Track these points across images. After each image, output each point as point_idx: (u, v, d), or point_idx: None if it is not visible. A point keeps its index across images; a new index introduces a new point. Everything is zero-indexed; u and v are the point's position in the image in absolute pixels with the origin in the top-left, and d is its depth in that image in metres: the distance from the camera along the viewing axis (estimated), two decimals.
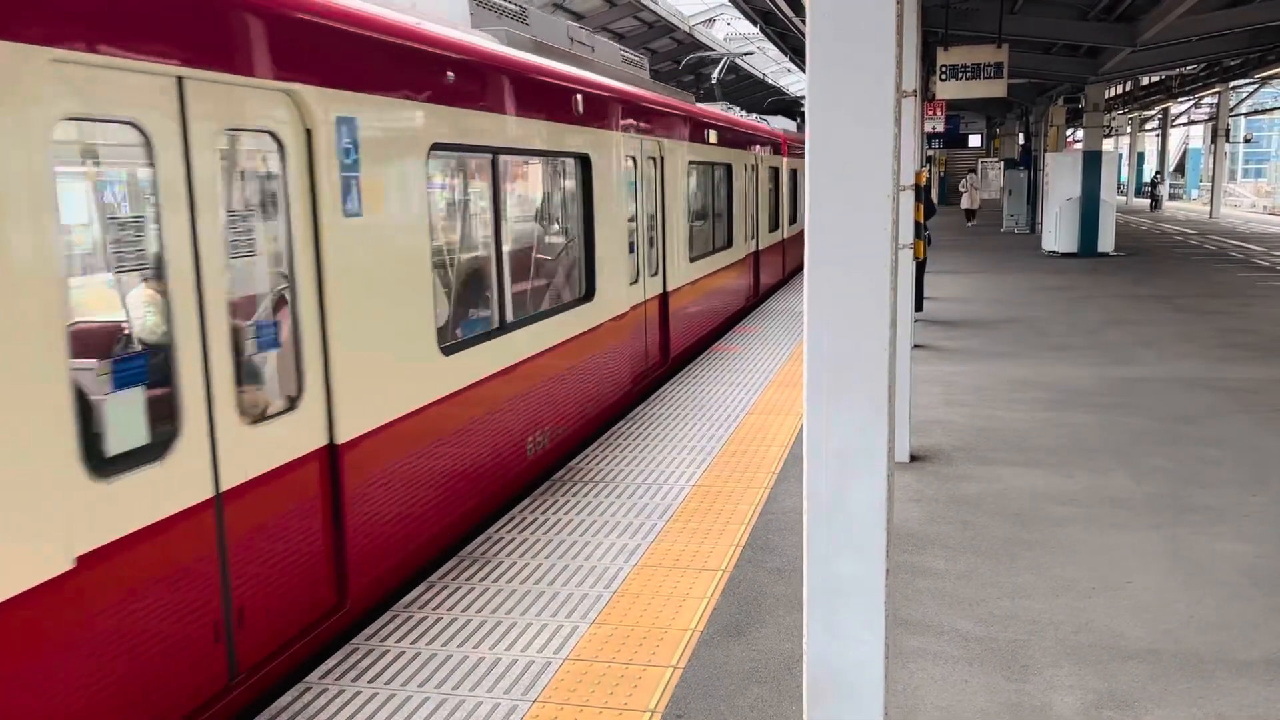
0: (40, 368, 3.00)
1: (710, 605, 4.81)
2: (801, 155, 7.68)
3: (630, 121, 8.79)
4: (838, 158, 2.25)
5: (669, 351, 10.15)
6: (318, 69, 4.30)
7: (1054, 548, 5.55)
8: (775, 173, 17.81)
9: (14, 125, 2.93)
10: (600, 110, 7.98)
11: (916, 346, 10.52)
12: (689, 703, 3.95)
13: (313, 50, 4.30)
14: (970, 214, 35.00)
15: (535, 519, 5.99)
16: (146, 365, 3.58)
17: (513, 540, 5.66)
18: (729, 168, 13.42)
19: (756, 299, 15.61)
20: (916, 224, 7.34)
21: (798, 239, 19.34)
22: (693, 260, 11.20)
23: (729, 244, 13.49)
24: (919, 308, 12.63)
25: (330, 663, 4.27)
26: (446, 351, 5.46)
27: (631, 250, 8.99)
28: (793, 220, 19.79)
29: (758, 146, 15.70)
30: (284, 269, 4.23)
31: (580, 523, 5.92)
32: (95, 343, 3.54)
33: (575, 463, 7.13)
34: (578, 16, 24.52)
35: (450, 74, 5.47)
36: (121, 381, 3.47)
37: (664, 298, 10.02)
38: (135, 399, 3.50)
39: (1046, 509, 6.17)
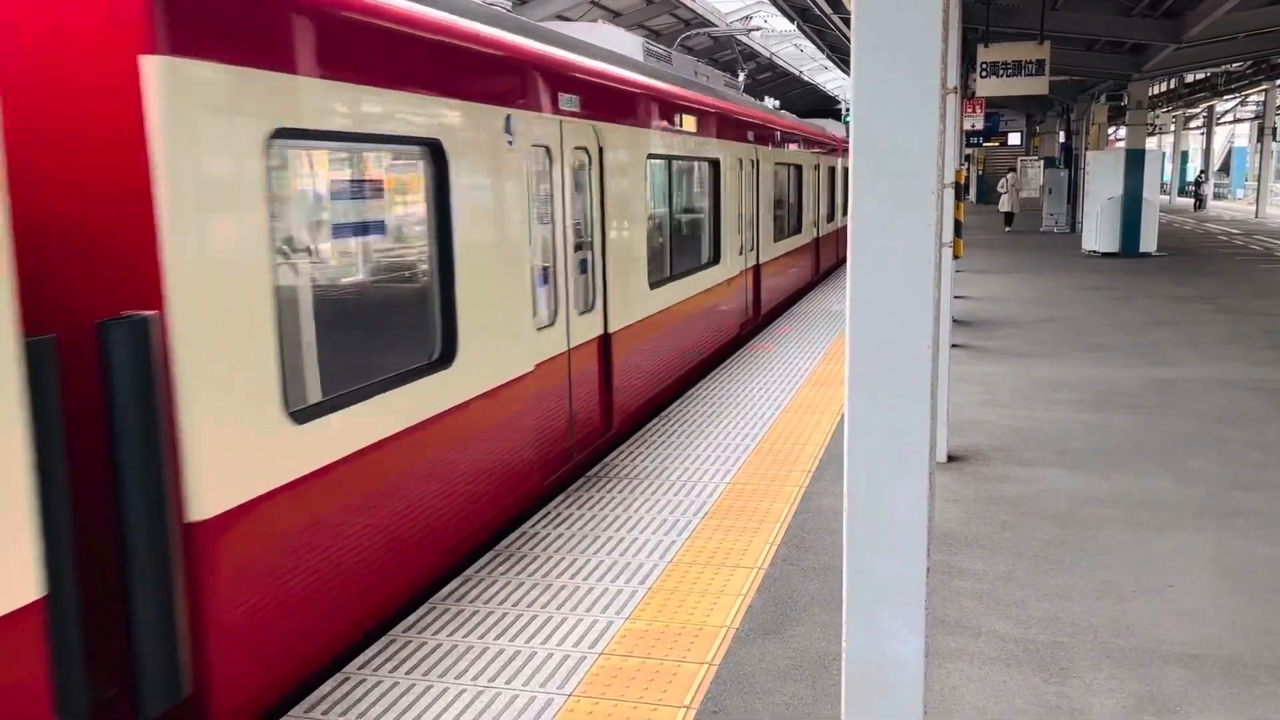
0: (525, 281, 5.92)
1: (746, 603, 4.81)
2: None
3: (739, 133, 11.92)
4: (882, 154, 2.24)
5: (760, 309, 13.52)
6: (604, 110, 7.34)
7: (1094, 550, 5.49)
8: (832, 171, 20.69)
9: (544, 159, 6.45)
10: (724, 125, 11.19)
11: (955, 346, 10.43)
12: (724, 699, 3.95)
13: (603, 101, 7.35)
14: (1009, 218, 31.18)
15: (570, 514, 6.02)
16: (546, 276, 6.38)
17: (548, 535, 5.69)
18: (799, 168, 16.70)
19: (818, 277, 18.97)
20: (956, 222, 7.28)
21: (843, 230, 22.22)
22: (775, 241, 14.37)
23: (799, 230, 16.81)
24: None
25: (369, 653, 4.32)
26: (655, 284, 8.63)
27: (738, 230, 11.85)
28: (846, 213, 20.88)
29: (818, 148, 18.70)
30: (587, 230, 7.10)
31: (615, 519, 5.94)
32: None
33: (609, 459, 7.15)
34: (615, 14, 24.54)
35: (657, 107, 8.72)
36: (542, 284, 6.30)
37: (757, 269, 13.15)
38: (545, 295, 6.39)
39: (1086, 511, 6.10)
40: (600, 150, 7.27)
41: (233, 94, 3.60)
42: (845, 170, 21.60)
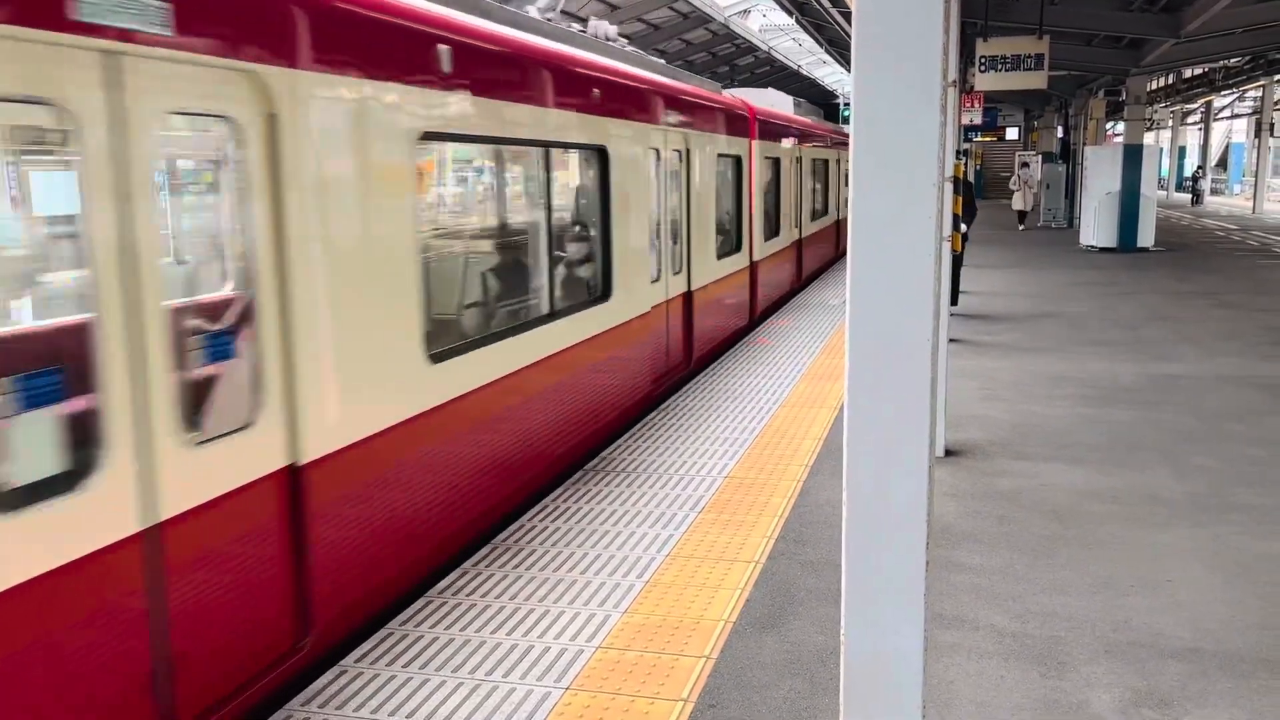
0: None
1: (743, 597, 4.80)
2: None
3: (811, 139, 17.11)
4: (883, 147, 2.22)
5: (802, 275, 16.65)
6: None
7: (1092, 545, 5.49)
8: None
9: (649, 157, 8.29)
10: (810, 136, 16.36)
11: (953, 341, 10.42)
12: (722, 693, 3.94)
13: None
14: (1022, 215, 29.61)
15: (567, 508, 6.01)
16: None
17: (545, 529, 5.68)
18: (826, 161, 19.65)
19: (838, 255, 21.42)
20: (955, 217, 7.27)
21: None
22: (811, 220, 17.61)
23: (826, 213, 19.89)
24: (954, 302, 12.51)
25: (366, 646, 4.31)
26: (717, 254, 10.83)
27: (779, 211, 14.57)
28: None
29: (836, 145, 20.92)
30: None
31: (612, 513, 5.93)
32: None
33: (607, 453, 7.15)
34: (613, 8, 24.48)
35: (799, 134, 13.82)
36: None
37: (799, 243, 16.25)
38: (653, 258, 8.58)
39: (1085, 506, 6.10)
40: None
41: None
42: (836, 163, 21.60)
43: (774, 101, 15.75)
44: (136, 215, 3.19)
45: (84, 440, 3.12)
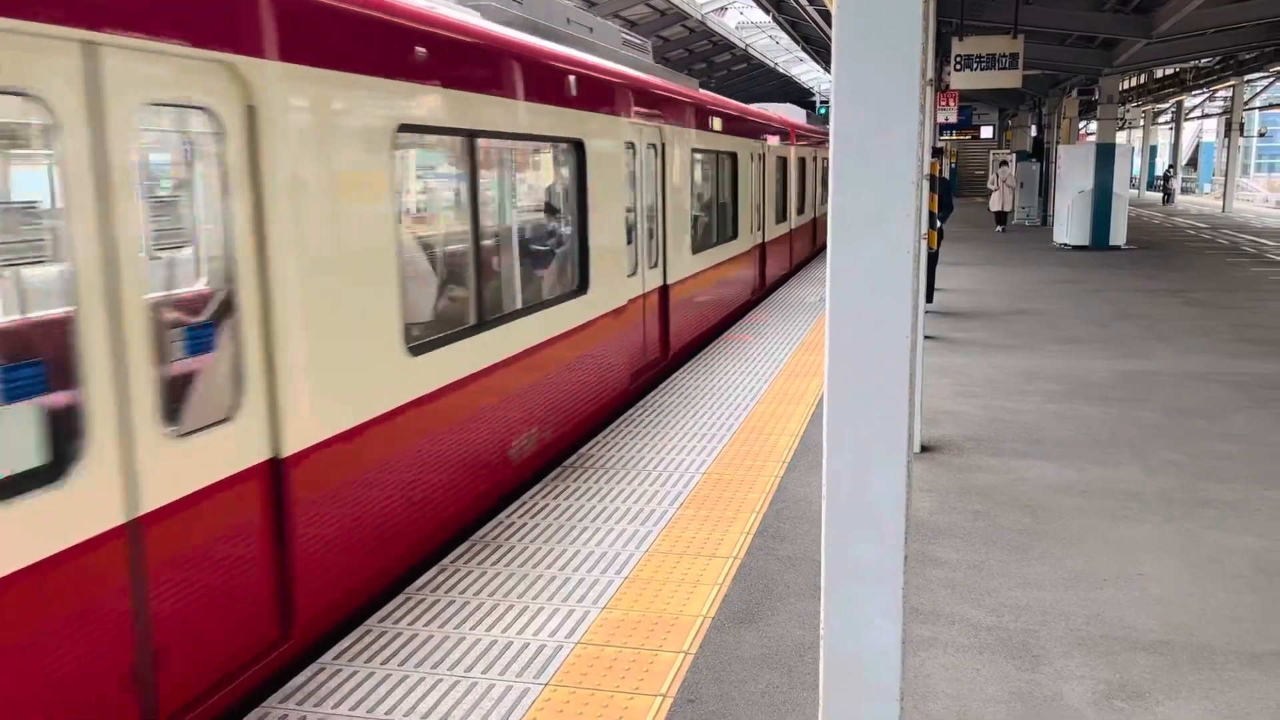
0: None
1: (722, 592, 4.82)
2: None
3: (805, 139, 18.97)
4: (863, 144, 2.24)
5: (793, 260, 18.41)
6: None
7: (1065, 539, 5.55)
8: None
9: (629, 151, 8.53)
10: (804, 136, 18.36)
11: (928, 338, 10.50)
12: (701, 688, 3.96)
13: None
14: (1001, 216, 27.99)
15: (546, 505, 6.01)
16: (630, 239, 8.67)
17: (524, 525, 5.68)
18: (813, 159, 20.80)
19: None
20: (931, 214, 7.32)
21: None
22: (796, 215, 18.96)
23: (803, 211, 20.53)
24: (929, 299, 12.60)
25: (344, 643, 4.30)
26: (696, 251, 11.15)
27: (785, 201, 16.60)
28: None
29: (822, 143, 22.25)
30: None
31: (591, 509, 5.94)
32: None
33: (586, 449, 7.15)
34: (590, 3, 24.44)
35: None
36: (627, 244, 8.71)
37: (813, 223, 19.30)
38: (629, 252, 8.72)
39: (1058, 500, 6.17)
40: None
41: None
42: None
43: (796, 115, 19.50)
44: (115, 208, 3.16)
45: (66, 433, 3.10)
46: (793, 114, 21.27)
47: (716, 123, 12.01)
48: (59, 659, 3.03)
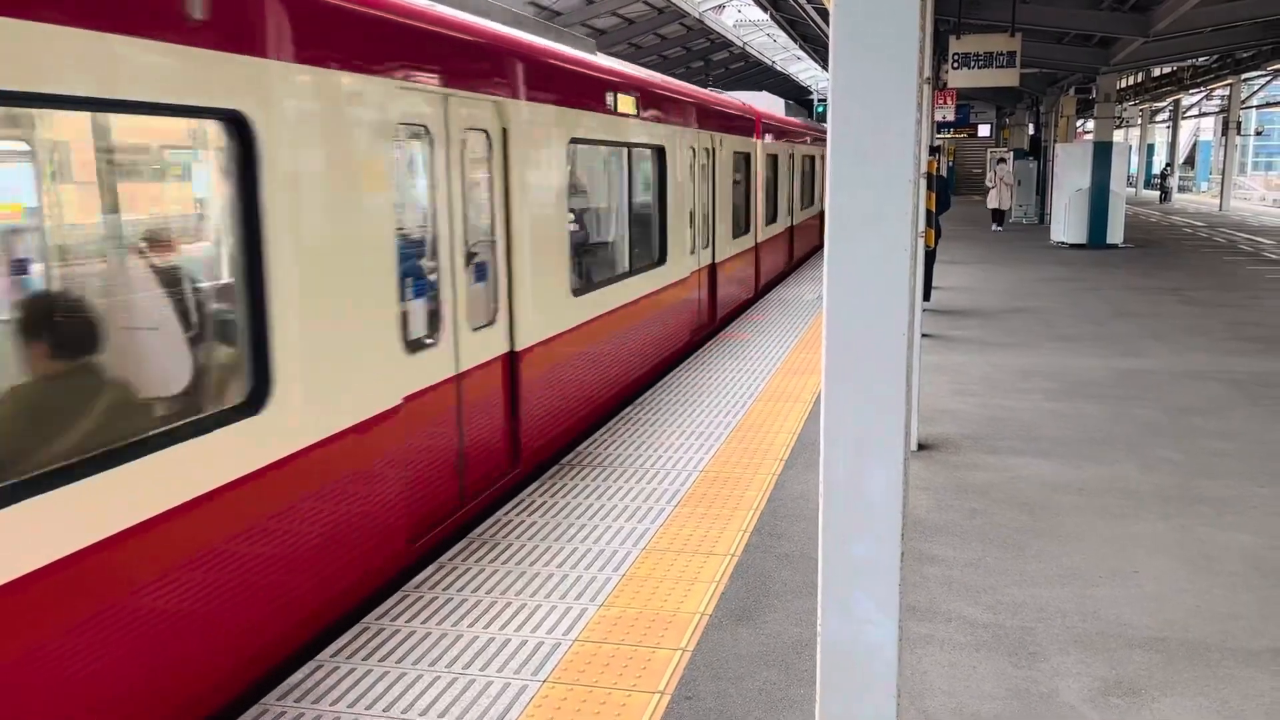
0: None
1: (719, 589, 4.83)
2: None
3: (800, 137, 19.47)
4: (860, 144, 2.25)
5: (793, 256, 18.86)
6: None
7: (1062, 537, 5.56)
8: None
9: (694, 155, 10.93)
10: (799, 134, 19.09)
11: (925, 336, 10.51)
12: (698, 685, 3.97)
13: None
14: (998, 215, 27.69)
15: (543, 502, 6.02)
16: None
17: (521, 523, 5.69)
18: (813, 157, 21.23)
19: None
20: (928, 212, 7.33)
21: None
22: (802, 209, 20.23)
23: (812, 204, 21.63)
24: (927, 297, 12.63)
25: (341, 641, 4.31)
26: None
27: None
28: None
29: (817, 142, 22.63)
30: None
31: (588, 506, 5.94)
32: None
33: (583, 447, 7.16)
34: (589, 1, 24.44)
35: None
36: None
37: (818, 220, 19.93)
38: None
39: (1054, 498, 6.18)
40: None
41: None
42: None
43: (771, 104, 18.36)
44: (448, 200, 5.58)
45: (433, 322, 5.37)
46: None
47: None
48: (431, 448, 5.26)
